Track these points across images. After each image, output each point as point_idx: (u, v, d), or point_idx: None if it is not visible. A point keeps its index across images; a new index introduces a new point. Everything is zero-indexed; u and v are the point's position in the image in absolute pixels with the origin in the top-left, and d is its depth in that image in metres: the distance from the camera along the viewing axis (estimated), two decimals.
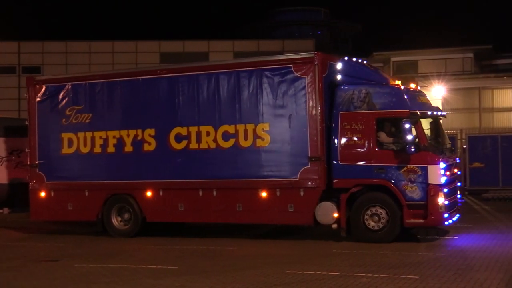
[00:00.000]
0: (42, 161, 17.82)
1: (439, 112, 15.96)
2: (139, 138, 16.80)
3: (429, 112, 15.40)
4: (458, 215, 15.66)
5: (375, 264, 12.36)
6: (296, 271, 11.82)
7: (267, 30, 75.59)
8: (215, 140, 16.01)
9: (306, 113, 15.14)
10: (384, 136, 14.92)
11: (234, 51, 54.47)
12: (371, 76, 15.76)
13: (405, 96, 14.93)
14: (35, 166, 17.89)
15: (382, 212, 14.70)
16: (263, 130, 15.60)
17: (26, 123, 18.56)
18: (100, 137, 17.23)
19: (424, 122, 15.17)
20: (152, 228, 17.09)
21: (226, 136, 15.93)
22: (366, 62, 16.85)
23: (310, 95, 15.11)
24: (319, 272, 11.69)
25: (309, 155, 15.08)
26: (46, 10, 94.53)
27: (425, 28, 73.16)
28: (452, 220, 15.01)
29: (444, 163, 14.66)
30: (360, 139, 14.92)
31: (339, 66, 15.56)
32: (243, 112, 15.79)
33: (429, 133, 15.33)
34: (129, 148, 16.92)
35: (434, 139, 15.51)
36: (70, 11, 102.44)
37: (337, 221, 14.98)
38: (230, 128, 15.89)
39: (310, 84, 15.13)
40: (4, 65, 53.58)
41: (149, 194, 16.72)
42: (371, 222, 14.79)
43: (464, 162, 25.26)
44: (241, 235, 16.65)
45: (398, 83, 15.44)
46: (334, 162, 15.06)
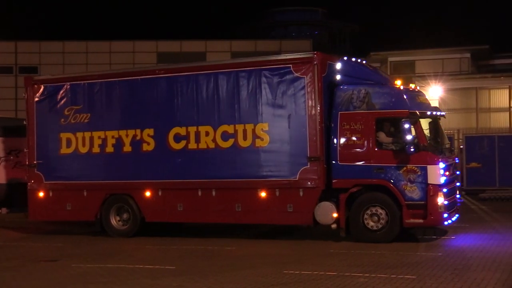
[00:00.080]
0: (40, 161, 17.80)
1: (439, 112, 15.95)
2: (138, 138, 16.77)
3: (428, 112, 15.40)
4: (457, 215, 15.69)
5: (372, 264, 12.36)
6: (293, 271, 11.82)
7: (265, 30, 75.58)
8: (214, 140, 15.99)
9: (306, 113, 15.12)
10: (384, 136, 14.91)
11: (231, 51, 54.42)
12: (370, 76, 15.76)
13: (405, 96, 14.94)
14: (33, 166, 17.86)
15: (382, 212, 14.69)
16: (262, 130, 15.58)
17: (24, 123, 18.52)
18: (99, 137, 17.20)
19: (423, 122, 15.16)
20: (151, 228, 17.07)
21: (225, 136, 15.91)
22: (365, 62, 16.85)
23: (310, 95, 15.10)
24: (317, 272, 11.70)
25: (308, 155, 15.07)
26: (43, 10, 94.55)
27: (422, 28, 73.09)
28: (451, 220, 15.03)
29: (444, 163, 14.67)
30: (359, 139, 14.91)
31: (338, 66, 15.55)
32: (242, 112, 15.77)
33: (428, 133, 15.34)
34: (128, 148, 16.90)
35: (434, 139, 15.51)
36: (67, 11, 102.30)
37: (337, 221, 14.99)
38: (229, 128, 15.87)
39: (310, 84, 15.11)
40: (1, 65, 53.55)
41: (148, 194, 16.69)
42: (370, 222, 14.79)
43: (461, 162, 25.23)
44: (240, 235, 16.64)
45: (398, 83, 15.45)
46: (333, 162, 15.06)
